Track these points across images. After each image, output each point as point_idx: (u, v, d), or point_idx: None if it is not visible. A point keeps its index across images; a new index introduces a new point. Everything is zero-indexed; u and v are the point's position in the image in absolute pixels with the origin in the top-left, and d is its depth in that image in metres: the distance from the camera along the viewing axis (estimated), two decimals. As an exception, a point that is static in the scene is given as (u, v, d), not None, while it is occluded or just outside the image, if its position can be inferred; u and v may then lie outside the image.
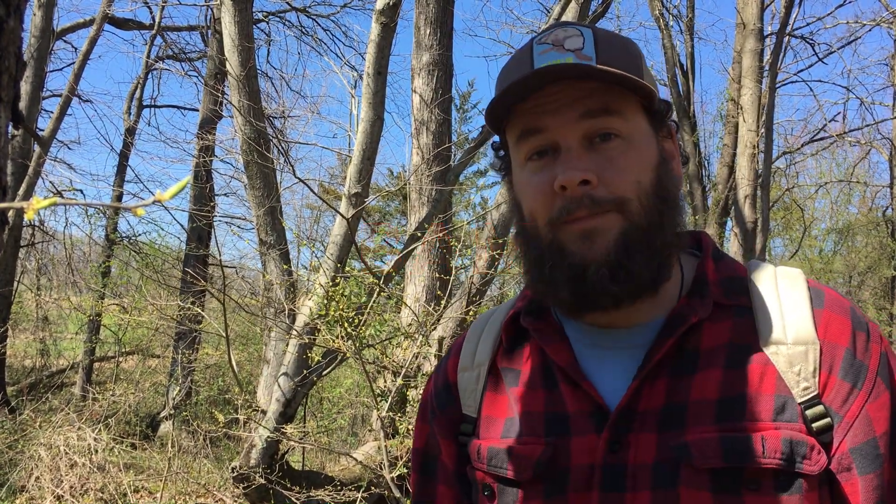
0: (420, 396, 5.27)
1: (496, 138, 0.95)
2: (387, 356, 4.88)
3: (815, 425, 0.78)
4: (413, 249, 5.25)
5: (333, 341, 4.41)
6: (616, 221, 0.81)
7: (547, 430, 0.86)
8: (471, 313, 5.05)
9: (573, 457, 0.83)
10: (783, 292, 0.84)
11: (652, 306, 0.86)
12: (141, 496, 5.59)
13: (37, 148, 8.10)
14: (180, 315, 7.48)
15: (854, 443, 0.78)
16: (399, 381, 4.54)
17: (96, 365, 10.63)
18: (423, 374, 4.94)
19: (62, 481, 5.38)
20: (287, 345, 4.88)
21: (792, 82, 12.05)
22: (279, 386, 4.72)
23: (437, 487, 1.00)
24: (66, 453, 5.58)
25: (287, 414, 4.72)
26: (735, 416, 0.78)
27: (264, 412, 4.90)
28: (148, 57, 11.03)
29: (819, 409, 0.78)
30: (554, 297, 0.85)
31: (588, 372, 0.86)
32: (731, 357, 0.81)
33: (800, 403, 0.79)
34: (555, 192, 0.81)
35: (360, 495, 4.50)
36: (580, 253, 0.81)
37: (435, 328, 5.00)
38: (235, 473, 4.60)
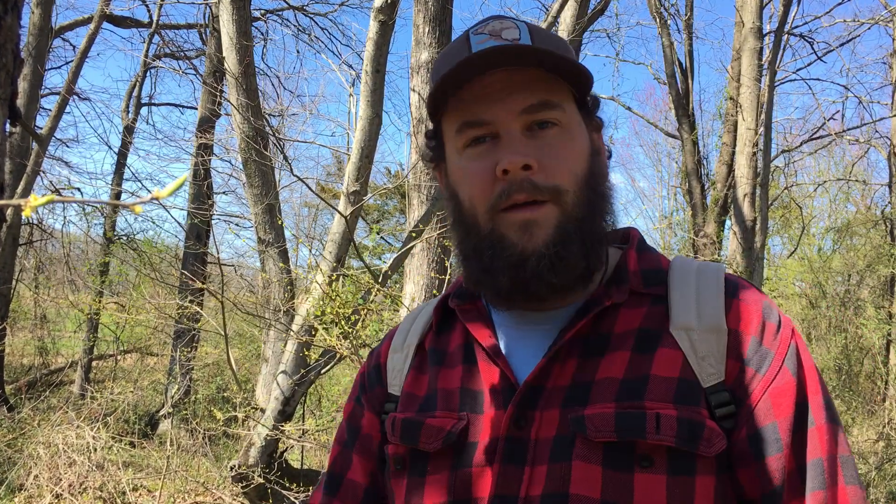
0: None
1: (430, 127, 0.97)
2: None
3: (718, 411, 0.79)
4: (412, 248, 5.25)
5: (330, 340, 4.41)
6: (553, 213, 0.83)
7: (461, 405, 0.88)
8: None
9: (482, 431, 0.84)
10: (699, 282, 0.86)
11: (577, 289, 0.89)
12: (140, 494, 5.59)
13: (35, 146, 8.09)
14: (179, 313, 7.47)
15: (753, 428, 0.78)
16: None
17: (95, 363, 10.63)
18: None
19: (61, 479, 5.38)
20: (285, 343, 4.88)
21: (790, 81, 12.05)
22: (278, 384, 4.72)
23: (351, 456, 1.02)
24: (65, 451, 5.57)
25: (286, 412, 4.72)
26: (636, 396, 0.79)
27: (263, 410, 4.90)
28: (146, 55, 11.02)
29: (723, 395, 0.79)
30: (493, 285, 0.87)
31: (507, 350, 0.89)
32: (640, 341, 0.83)
33: (704, 388, 0.79)
34: (495, 177, 0.83)
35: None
36: (521, 243, 0.83)
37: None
38: (234, 472, 4.60)
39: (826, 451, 0.77)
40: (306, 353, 4.73)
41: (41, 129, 8.68)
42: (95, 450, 5.74)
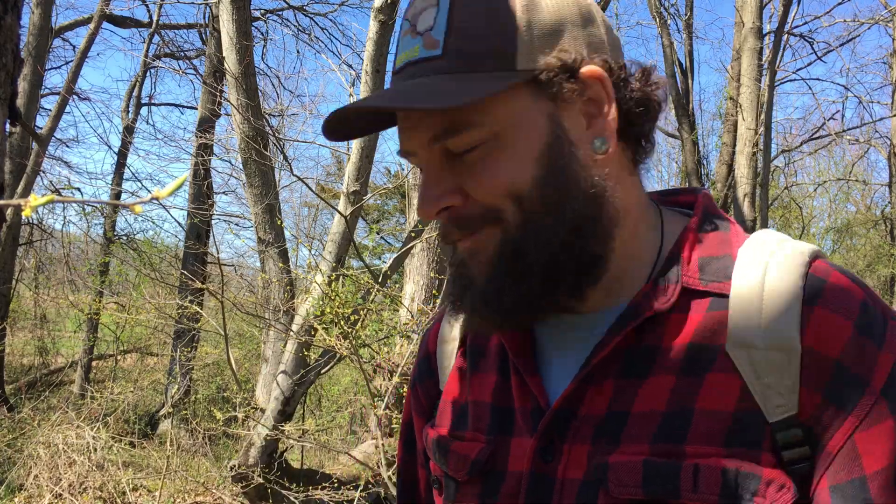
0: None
1: None
2: (381, 355, 4.88)
3: (786, 454, 0.62)
4: (412, 248, 5.25)
5: (330, 340, 4.41)
6: (494, 237, 0.68)
7: (491, 426, 0.76)
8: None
9: (510, 459, 0.73)
10: (770, 279, 0.65)
11: (621, 287, 0.72)
12: (140, 494, 5.59)
13: (35, 146, 8.09)
14: (179, 313, 7.48)
15: (835, 481, 0.61)
16: (396, 379, 4.53)
17: (95, 363, 10.63)
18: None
19: (61, 479, 5.37)
20: (285, 343, 4.88)
21: (790, 80, 12.05)
22: (278, 384, 4.72)
23: (416, 468, 0.93)
24: (65, 451, 5.57)
25: (286, 412, 4.72)
26: (675, 436, 0.64)
27: (263, 410, 4.90)
28: (146, 55, 11.01)
29: (795, 432, 0.62)
30: (459, 305, 0.73)
31: (543, 361, 0.75)
32: (690, 360, 0.66)
33: (771, 424, 0.62)
34: None
35: (358, 494, 4.50)
36: (470, 266, 0.71)
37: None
38: (234, 472, 4.60)
39: None
40: (306, 353, 4.74)
41: (41, 129, 8.68)
42: (95, 450, 5.74)
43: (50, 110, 9.14)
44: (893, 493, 0.59)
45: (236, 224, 10.69)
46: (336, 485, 4.57)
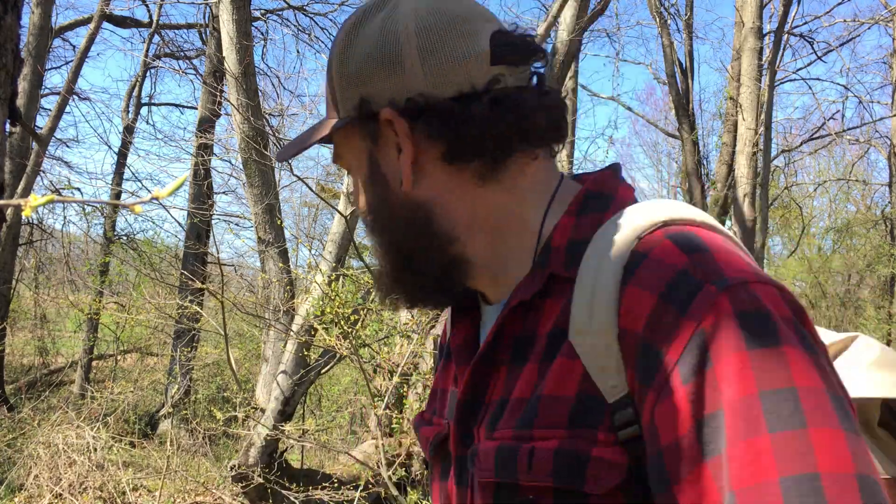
0: (416, 396, 5.28)
1: None
2: (381, 355, 4.88)
3: (621, 433, 0.62)
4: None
5: (330, 340, 4.41)
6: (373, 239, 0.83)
7: (449, 410, 0.81)
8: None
9: (452, 443, 0.78)
10: (603, 261, 0.66)
11: (507, 279, 0.77)
12: (140, 494, 5.59)
13: (35, 146, 8.10)
14: (179, 313, 7.48)
15: (648, 456, 0.61)
16: (396, 379, 4.54)
17: (95, 363, 10.63)
18: (420, 374, 4.94)
19: (61, 479, 5.38)
20: (285, 343, 4.88)
21: (790, 80, 12.05)
22: (278, 384, 4.72)
23: None
24: (65, 451, 5.58)
25: (286, 412, 4.72)
26: (529, 422, 0.66)
27: (263, 410, 4.90)
28: (146, 55, 11.02)
29: (628, 412, 0.62)
30: (379, 289, 0.88)
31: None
32: (549, 346, 0.68)
33: (610, 405, 0.63)
34: None
35: (358, 494, 4.50)
36: (377, 258, 0.85)
37: (433, 326, 5.00)
38: (234, 472, 4.60)
39: (738, 483, 0.54)
40: (306, 353, 4.74)
41: (41, 129, 8.69)
42: (95, 450, 5.74)
43: (50, 110, 9.15)
44: (681, 464, 0.58)
45: (236, 224, 10.68)
46: (336, 485, 4.58)
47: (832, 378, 0.57)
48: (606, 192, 0.75)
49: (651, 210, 0.68)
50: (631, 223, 0.67)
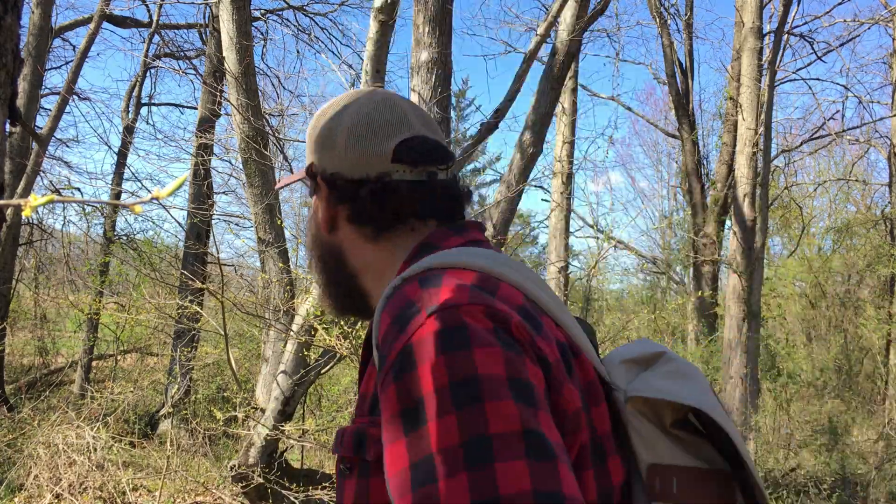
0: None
1: None
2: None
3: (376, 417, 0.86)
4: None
5: (330, 340, 4.41)
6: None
7: None
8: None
9: None
10: (381, 296, 0.91)
11: None
12: (140, 494, 5.59)
13: (35, 146, 8.10)
14: (179, 313, 7.48)
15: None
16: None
17: (95, 363, 10.63)
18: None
19: (61, 479, 5.38)
20: (285, 343, 4.88)
21: (790, 80, 12.06)
22: (278, 384, 4.72)
23: None
24: (65, 451, 5.58)
25: (286, 412, 4.72)
26: (357, 411, 0.91)
27: (263, 410, 4.90)
28: (146, 55, 11.01)
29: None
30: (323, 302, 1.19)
31: None
32: (368, 354, 0.94)
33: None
34: None
35: (358, 493, 4.49)
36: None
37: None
38: (234, 472, 4.60)
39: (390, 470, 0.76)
40: (306, 353, 4.74)
41: (41, 129, 8.69)
42: (95, 450, 5.74)
43: (50, 110, 9.14)
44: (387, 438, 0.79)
45: (236, 224, 10.67)
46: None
47: (516, 366, 0.76)
48: (434, 244, 0.99)
49: (431, 260, 0.91)
50: (412, 269, 0.90)
